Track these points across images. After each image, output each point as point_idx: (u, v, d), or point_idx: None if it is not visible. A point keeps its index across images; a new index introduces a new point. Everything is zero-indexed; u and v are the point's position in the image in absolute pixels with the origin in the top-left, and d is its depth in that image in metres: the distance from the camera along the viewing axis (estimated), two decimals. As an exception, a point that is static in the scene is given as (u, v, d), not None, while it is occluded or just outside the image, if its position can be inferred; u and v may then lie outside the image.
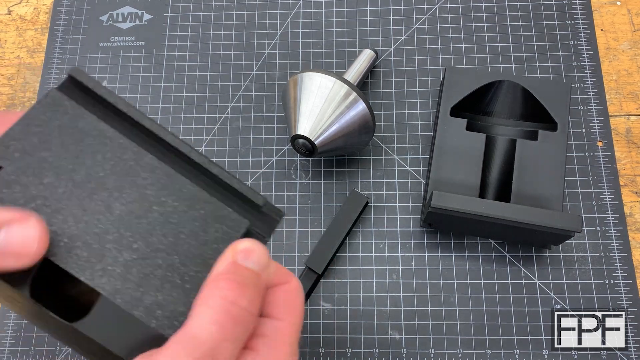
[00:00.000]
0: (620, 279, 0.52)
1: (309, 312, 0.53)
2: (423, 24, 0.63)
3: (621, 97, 0.59)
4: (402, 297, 0.53)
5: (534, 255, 0.54)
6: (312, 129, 0.49)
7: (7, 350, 0.54)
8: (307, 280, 0.53)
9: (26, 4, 0.69)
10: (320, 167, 0.59)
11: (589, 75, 0.60)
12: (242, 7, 0.66)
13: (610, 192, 0.55)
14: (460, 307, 0.52)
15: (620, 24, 0.62)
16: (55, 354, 0.53)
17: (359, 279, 0.54)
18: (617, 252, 0.53)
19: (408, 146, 0.58)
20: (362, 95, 0.49)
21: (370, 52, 0.59)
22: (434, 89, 0.60)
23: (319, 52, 0.63)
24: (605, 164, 0.56)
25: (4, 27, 0.68)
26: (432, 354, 0.51)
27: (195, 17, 0.66)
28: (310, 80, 0.50)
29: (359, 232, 0.56)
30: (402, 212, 0.56)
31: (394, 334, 0.52)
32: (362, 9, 0.65)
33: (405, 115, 0.60)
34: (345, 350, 0.52)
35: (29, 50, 0.66)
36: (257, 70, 0.63)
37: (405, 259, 0.54)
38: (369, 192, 0.57)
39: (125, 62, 0.64)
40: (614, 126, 0.58)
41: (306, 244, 0.56)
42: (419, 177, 0.57)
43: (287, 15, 0.65)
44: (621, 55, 0.61)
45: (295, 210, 0.57)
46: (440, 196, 0.47)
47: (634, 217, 0.55)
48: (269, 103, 0.61)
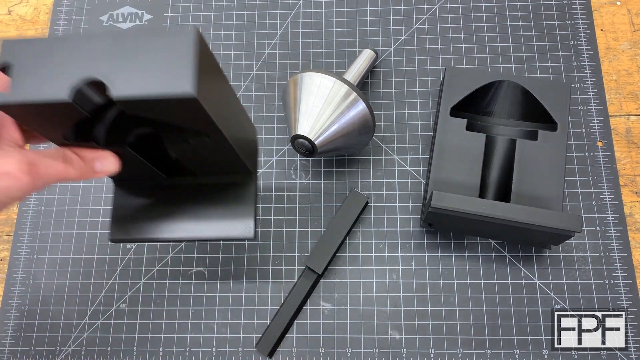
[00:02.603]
0: (620, 279, 0.52)
1: (309, 312, 0.53)
2: (423, 24, 0.63)
3: (621, 97, 0.59)
4: (402, 297, 0.53)
5: (534, 255, 0.54)
6: (312, 129, 0.49)
7: (7, 351, 0.54)
8: (307, 280, 0.53)
9: (26, 4, 0.69)
10: (320, 167, 0.59)
11: (589, 75, 0.60)
12: (242, 7, 0.66)
13: (610, 192, 0.55)
14: (460, 307, 0.52)
15: (620, 24, 0.62)
16: (55, 354, 0.53)
17: (359, 279, 0.54)
18: (617, 252, 0.53)
19: (408, 146, 0.58)
20: (362, 95, 0.49)
21: (370, 52, 0.59)
22: (434, 89, 0.60)
23: (319, 52, 0.63)
24: (605, 164, 0.56)
25: (4, 27, 0.68)
26: (432, 354, 0.51)
27: (195, 17, 0.66)
28: (310, 80, 0.50)
29: (359, 232, 0.56)
30: (402, 212, 0.56)
31: (394, 334, 0.52)
32: (362, 9, 0.65)
33: (405, 115, 0.60)
34: (345, 350, 0.52)
35: (29, 50, 0.66)
36: (257, 70, 0.63)
37: (405, 259, 0.54)
38: (369, 192, 0.57)
39: (125, 62, 0.64)
40: (614, 126, 0.58)
41: (306, 244, 0.56)
42: (419, 177, 0.57)
43: (287, 15, 0.65)
44: (621, 55, 0.61)
45: (295, 210, 0.57)
46: (440, 196, 0.47)
47: (634, 217, 0.55)
48: (269, 103, 0.61)
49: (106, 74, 0.30)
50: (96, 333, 0.54)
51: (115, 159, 0.37)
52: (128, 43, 0.31)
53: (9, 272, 0.57)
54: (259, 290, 0.54)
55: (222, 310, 0.54)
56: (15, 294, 0.56)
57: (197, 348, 0.53)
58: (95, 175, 0.37)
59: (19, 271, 0.57)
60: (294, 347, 0.52)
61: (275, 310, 0.53)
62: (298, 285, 0.53)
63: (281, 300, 0.54)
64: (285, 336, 0.52)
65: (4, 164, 0.31)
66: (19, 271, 0.57)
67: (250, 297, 0.54)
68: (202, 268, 0.55)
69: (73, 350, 0.53)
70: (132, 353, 0.53)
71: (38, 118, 0.32)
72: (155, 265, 0.56)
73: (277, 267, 0.55)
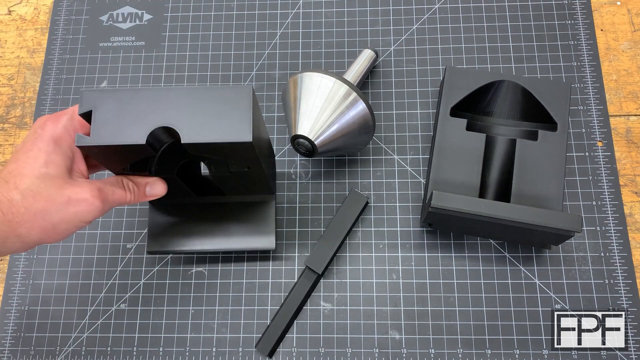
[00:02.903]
0: (620, 279, 0.52)
1: (309, 312, 0.53)
2: (423, 24, 0.63)
3: (621, 97, 0.59)
4: (402, 297, 0.53)
5: (534, 255, 0.54)
6: (312, 129, 0.49)
7: (7, 351, 0.54)
8: (307, 280, 0.53)
9: (26, 4, 0.69)
10: (320, 167, 0.59)
11: (589, 75, 0.60)
12: (242, 7, 0.66)
13: (610, 192, 0.55)
14: (460, 307, 0.52)
15: (620, 24, 0.62)
16: (55, 354, 0.53)
17: (359, 279, 0.54)
18: (617, 252, 0.53)
19: (408, 146, 0.58)
20: (362, 95, 0.49)
21: (370, 52, 0.59)
22: (434, 89, 0.60)
23: (319, 52, 0.63)
24: (605, 164, 0.56)
25: (4, 27, 0.68)
26: (432, 354, 0.51)
27: (195, 17, 0.66)
28: (310, 80, 0.50)
29: (359, 232, 0.56)
30: (402, 212, 0.56)
31: (394, 334, 0.52)
32: (362, 9, 0.65)
33: (405, 115, 0.60)
34: (345, 350, 0.52)
35: (29, 50, 0.66)
36: (257, 70, 0.63)
37: (405, 259, 0.54)
38: (369, 192, 0.57)
39: (125, 62, 0.64)
40: (614, 126, 0.58)
41: (306, 244, 0.56)
42: (419, 177, 0.57)
43: (287, 15, 0.65)
44: (621, 55, 0.61)
45: (295, 210, 0.57)
46: (440, 196, 0.47)
47: (634, 217, 0.55)
48: (269, 103, 0.61)
49: (176, 122, 0.37)
50: (96, 333, 0.54)
51: (163, 183, 0.44)
52: (194, 95, 0.38)
53: (9, 272, 0.57)
54: (259, 290, 0.54)
55: (222, 310, 0.54)
56: (15, 294, 0.56)
57: (197, 348, 0.53)
58: (146, 198, 0.44)
59: (19, 271, 0.57)
60: (294, 347, 0.52)
61: (275, 310, 0.53)
62: (298, 285, 0.53)
63: (281, 300, 0.54)
64: (285, 336, 0.52)
65: (80, 192, 0.38)
66: (19, 271, 0.57)
67: (250, 297, 0.54)
68: (202, 268, 0.55)
69: (73, 350, 0.53)
70: (132, 353, 0.53)
71: (110, 155, 0.39)
72: (155, 265, 0.56)
73: (277, 267, 0.55)
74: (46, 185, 0.36)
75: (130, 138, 0.36)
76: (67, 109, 0.40)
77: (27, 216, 0.36)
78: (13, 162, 0.38)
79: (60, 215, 0.37)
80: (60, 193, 0.37)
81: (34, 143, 0.38)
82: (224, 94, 0.37)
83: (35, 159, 0.37)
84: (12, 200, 0.36)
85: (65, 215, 0.37)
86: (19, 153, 0.38)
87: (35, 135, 0.38)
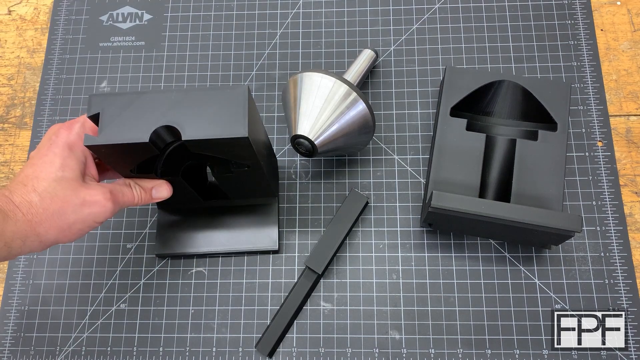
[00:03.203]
0: (620, 279, 0.52)
1: (309, 312, 0.53)
2: (423, 24, 0.63)
3: (621, 97, 0.59)
4: (402, 297, 0.53)
5: (534, 255, 0.54)
6: (312, 129, 0.49)
7: (7, 351, 0.54)
8: (307, 280, 0.53)
9: (26, 4, 0.69)
10: (320, 167, 0.59)
11: (589, 75, 0.60)
12: (242, 7, 0.66)
13: (610, 192, 0.55)
14: (460, 307, 0.52)
15: (620, 24, 0.62)
16: (55, 354, 0.53)
17: (359, 279, 0.54)
18: (617, 252, 0.53)
19: (408, 146, 0.58)
20: (362, 95, 0.49)
21: (370, 52, 0.59)
22: (434, 89, 0.60)
23: (319, 52, 0.63)
24: (605, 164, 0.56)
25: (4, 27, 0.68)
26: (432, 354, 0.51)
27: (195, 17, 0.66)
28: (310, 80, 0.50)
29: (359, 232, 0.56)
30: (402, 212, 0.56)
31: (394, 334, 0.52)
32: (362, 9, 0.65)
33: (405, 115, 0.60)
34: (345, 350, 0.52)
35: (29, 50, 0.66)
36: (257, 70, 0.63)
37: (405, 259, 0.54)
38: (369, 192, 0.57)
39: (125, 62, 0.64)
40: (614, 126, 0.58)
41: (306, 244, 0.56)
42: (419, 177, 0.57)
43: (287, 15, 0.65)
44: (621, 55, 0.61)
45: (295, 210, 0.57)
46: (440, 196, 0.47)
47: (634, 217, 0.55)
48: (269, 103, 0.61)
49: (177, 121, 0.39)
50: (96, 333, 0.54)
51: (169, 186, 0.46)
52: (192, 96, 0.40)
53: (9, 272, 0.57)
54: (259, 290, 0.54)
55: (222, 310, 0.54)
56: (15, 294, 0.56)
57: (197, 348, 0.53)
58: (153, 200, 0.46)
59: (19, 271, 0.57)
60: (294, 347, 0.52)
61: (275, 310, 0.53)
62: (298, 285, 0.53)
63: (281, 300, 0.54)
64: (285, 336, 0.52)
65: (94, 194, 0.40)
66: (19, 271, 0.57)
67: (250, 297, 0.54)
68: (202, 268, 0.55)
69: (73, 350, 0.53)
70: (132, 353, 0.53)
71: (117, 156, 0.41)
72: (155, 265, 0.56)
73: (277, 267, 0.55)
74: (62, 187, 0.39)
75: (134, 136, 0.39)
76: (78, 117, 0.43)
77: (45, 216, 0.38)
78: (29, 166, 0.40)
79: (75, 216, 0.39)
80: (76, 195, 0.39)
81: (49, 149, 0.40)
82: (222, 94, 0.40)
83: (51, 163, 0.39)
84: (32, 202, 0.38)
85: (80, 215, 0.40)
86: (35, 158, 0.40)
87: (50, 141, 0.41)
